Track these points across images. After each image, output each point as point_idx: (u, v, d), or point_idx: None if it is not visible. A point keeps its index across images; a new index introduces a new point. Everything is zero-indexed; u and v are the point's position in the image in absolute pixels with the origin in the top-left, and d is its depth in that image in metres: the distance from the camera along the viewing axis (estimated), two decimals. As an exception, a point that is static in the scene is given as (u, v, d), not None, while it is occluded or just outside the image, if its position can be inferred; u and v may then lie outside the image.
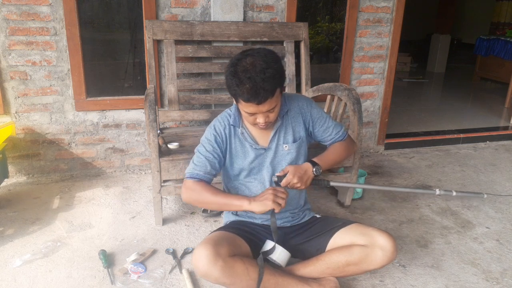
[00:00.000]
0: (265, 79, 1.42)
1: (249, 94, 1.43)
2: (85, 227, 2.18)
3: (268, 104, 1.47)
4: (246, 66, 1.44)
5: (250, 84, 1.42)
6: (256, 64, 1.44)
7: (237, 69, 1.45)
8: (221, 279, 1.46)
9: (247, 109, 1.50)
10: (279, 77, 1.48)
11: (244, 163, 1.68)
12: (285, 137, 1.70)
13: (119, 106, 2.76)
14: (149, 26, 2.48)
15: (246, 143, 1.67)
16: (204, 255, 1.44)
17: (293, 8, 2.88)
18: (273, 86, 1.45)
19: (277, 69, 1.47)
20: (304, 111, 1.74)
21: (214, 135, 1.65)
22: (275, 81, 1.45)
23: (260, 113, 1.51)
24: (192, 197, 1.61)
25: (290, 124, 1.71)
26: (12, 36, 2.48)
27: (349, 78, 3.25)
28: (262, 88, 1.42)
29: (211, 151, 1.64)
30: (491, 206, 2.54)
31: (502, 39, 5.98)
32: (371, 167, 3.14)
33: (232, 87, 1.47)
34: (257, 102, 1.44)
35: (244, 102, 1.47)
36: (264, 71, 1.43)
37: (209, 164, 1.62)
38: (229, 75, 1.48)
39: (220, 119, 1.70)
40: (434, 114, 4.63)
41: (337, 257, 1.60)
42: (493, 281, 1.83)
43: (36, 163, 2.74)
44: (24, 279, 1.75)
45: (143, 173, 2.91)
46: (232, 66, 1.47)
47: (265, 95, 1.43)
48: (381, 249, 1.54)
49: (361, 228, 1.64)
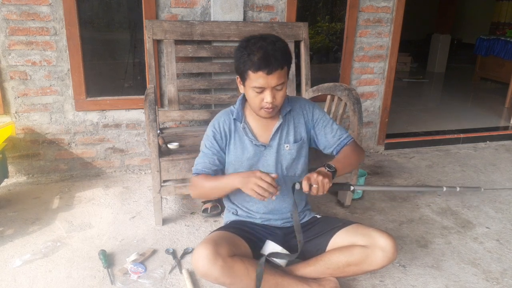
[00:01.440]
0: (275, 48, 1.49)
1: (260, 61, 1.47)
2: (85, 227, 2.18)
3: (277, 76, 1.50)
4: (257, 39, 1.52)
5: (261, 52, 1.48)
6: (266, 37, 1.54)
7: (249, 43, 1.52)
8: (221, 279, 1.46)
9: (256, 82, 1.51)
10: (287, 53, 1.54)
11: (242, 159, 1.69)
12: (286, 137, 1.71)
13: (119, 106, 2.76)
14: (149, 26, 2.48)
15: (246, 138, 1.68)
16: (204, 255, 1.44)
17: (293, 8, 2.88)
18: (283, 59, 1.51)
19: (286, 46, 1.55)
20: (306, 111, 1.75)
21: (213, 132, 1.69)
22: (284, 55, 1.52)
23: (268, 89, 1.52)
24: (196, 191, 1.67)
25: (292, 123, 1.72)
26: (12, 36, 2.47)
27: (349, 78, 3.25)
28: (273, 56, 1.47)
29: (209, 147, 1.69)
30: (491, 206, 2.54)
31: (502, 39, 5.98)
32: (371, 167, 3.14)
33: (243, 59, 1.51)
34: (268, 70, 1.47)
35: (253, 73, 1.50)
36: (274, 43, 1.51)
37: (208, 160, 1.67)
38: (239, 49, 1.54)
39: (222, 115, 1.73)
40: (434, 114, 4.63)
41: (337, 258, 1.60)
42: (493, 281, 1.83)
43: (36, 163, 2.74)
44: (24, 279, 1.75)
45: (143, 173, 2.91)
46: (242, 42, 1.56)
47: (275, 64, 1.48)
48: (381, 249, 1.54)
49: (361, 228, 1.64)
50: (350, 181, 2.39)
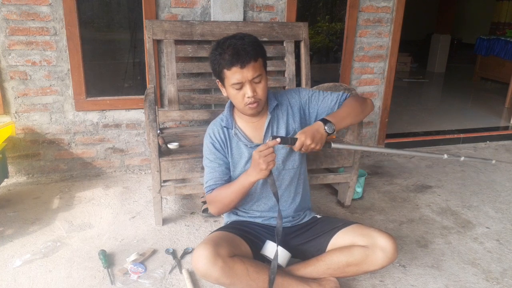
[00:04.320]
0: (244, 43, 1.52)
1: (231, 57, 1.49)
2: (85, 227, 2.18)
3: (252, 68, 1.51)
4: (226, 39, 1.56)
5: (231, 49, 1.51)
6: (235, 35, 1.57)
7: (219, 44, 1.56)
8: (221, 279, 1.46)
9: (233, 78, 1.52)
10: (258, 46, 1.56)
11: (240, 163, 1.69)
12: (277, 132, 1.69)
13: (119, 106, 2.76)
14: (149, 26, 2.48)
15: (241, 143, 1.68)
16: (203, 255, 1.44)
17: (293, 8, 2.88)
18: (254, 51, 1.52)
19: (255, 39, 1.57)
20: (294, 99, 1.73)
21: (211, 143, 1.69)
22: (255, 47, 1.53)
23: (246, 83, 1.52)
24: (215, 207, 1.68)
25: (281, 118, 1.70)
26: (12, 36, 2.47)
27: (349, 78, 3.25)
28: (243, 50, 1.50)
29: (213, 160, 1.69)
30: (491, 206, 2.54)
31: (502, 39, 5.99)
32: (371, 167, 3.14)
33: (216, 60, 1.54)
34: (241, 64, 1.49)
35: (228, 70, 1.52)
36: (243, 38, 1.55)
37: (217, 173, 1.68)
38: (211, 52, 1.58)
39: (212, 126, 1.73)
40: (434, 114, 4.64)
41: (337, 258, 1.60)
42: (493, 281, 1.83)
43: (36, 163, 2.74)
44: (24, 279, 1.75)
45: (143, 173, 2.91)
46: (214, 45, 1.60)
47: (247, 57, 1.49)
48: (381, 250, 1.53)
49: (361, 228, 1.64)
50: (349, 181, 2.40)
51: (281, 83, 2.77)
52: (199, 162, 2.11)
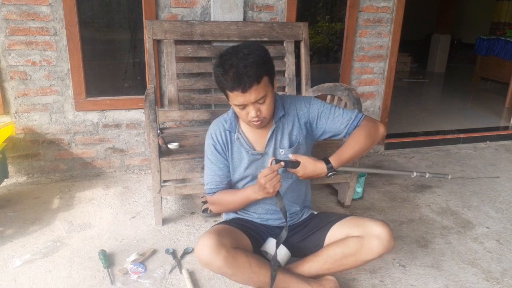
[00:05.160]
0: (247, 65, 1.41)
1: (233, 81, 1.42)
2: (85, 227, 2.18)
3: (255, 92, 1.44)
4: (229, 56, 1.45)
5: (232, 71, 1.41)
6: (238, 52, 1.44)
7: (221, 60, 1.46)
8: (224, 268, 1.47)
9: (235, 100, 1.47)
10: (263, 63, 1.45)
11: (240, 169, 1.67)
12: (281, 142, 1.66)
13: (119, 106, 2.76)
14: (149, 26, 2.48)
15: (242, 149, 1.66)
16: (207, 244, 1.45)
17: (293, 8, 2.88)
18: (257, 73, 1.43)
19: (260, 55, 1.45)
20: (303, 112, 1.67)
21: (213, 145, 1.67)
22: (258, 67, 1.43)
23: (250, 105, 1.48)
24: (217, 209, 1.75)
25: (286, 128, 1.66)
26: (12, 36, 2.47)
27: (349, 78, 3.25)
28: (244, 74, 1.41)
29: (215, 162, 1.68)
30: (491, 206, 2.54)
31: (502, 39, 5.98)
32: (371, 167, 3.14)
33: (218, 79, 1.48)
34: (242, 89, 1.42)
35: (230, 92, 1.46)
36: (246, 57, 1.42)
37: (218, 176, 1.69)
38: (214, 67, 1.49)
39: (215, 126, 1.69)
40: (434, 114, 4.63)
41: (333, 251, 1.60)
42: (493, 281, 1.83)
43: (36, 163, 2.74)
44: (24, 279, 1.75)
45: (143, 173, 2.91)
46: (217, 59, 1.49)
47: (249, 81, 1.41)
48: (376, 237, 1.51)
49: (356, 220, 1.63)
50: (349, 181, 2.40)
51: (281, 83, 2.78)
52: (199, 162, 2.11)
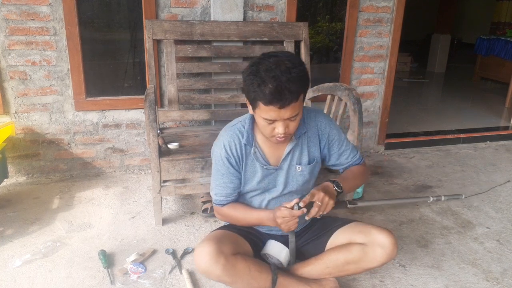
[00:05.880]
0: (290, 79, 1.30)
1: (272, 95, 1.29)
2: (85, 227, 2.18)
3: (291, 109, 1.33)
4: (270, 65, 1.31)
5: (273, 84, 1.28)
6: (280, 63, 1.32)
7: (259, 68, 1.32)
8: (222, 277, 1.46)
9: (266, 114, 1.35)
10: (305, 79, 1.36)
11: (253, 182, 1.60)
12: (300, 158, 1.59)
13: (119, 106, 2.76)
14: (149, 26, 2.48)
15: (257, 163, 1.57)
16: (206, 252, 1.43)
17: (293, 8, 2.88)
18: (298, 89, 1.33)
19: (303, 70, 1.35)
20: (322, 132, 1.61)
21: (226, 158, 1.54)
22: (301, 83, 1.34)
23: (280, 120, 1.36)
24: (225, 220, 1.71)
25: (306, 145, 1.60)
26: (11, 36, 2.47)
27: (349, 78, 3.24)
28: (287, 89, 1.29)
29: (227, 174, 1.57)
30: (491, 206, 2.54)
31: (503, 39, 5.98)
32: (371, 167, 3.14)
33: (252, 88, 1.33)
34: (280, 105, 1.30)
35: (264, 105, 1.32)
36: (289, 70, 1.31)
37: (229, 188, 1.60)
38: (249, 75, 1.34)
39: (229, 137, 1.55)
40: (434, 114, 4.63)
41: (335, 256, 1.59)
42: (493, 281, 1.83)
43: (36, 163, 2.74)
44: (23, 279, 1.75)
45: (143, 173, 2.91)
46: (253, 66, 1.35)
47: (289, 97, 1.30)
48: (380, 246, 1.51)
49: (360, 226, 1.62)
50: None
51: (281, 83, 2.77)
52: (199, 162, 2.11)
